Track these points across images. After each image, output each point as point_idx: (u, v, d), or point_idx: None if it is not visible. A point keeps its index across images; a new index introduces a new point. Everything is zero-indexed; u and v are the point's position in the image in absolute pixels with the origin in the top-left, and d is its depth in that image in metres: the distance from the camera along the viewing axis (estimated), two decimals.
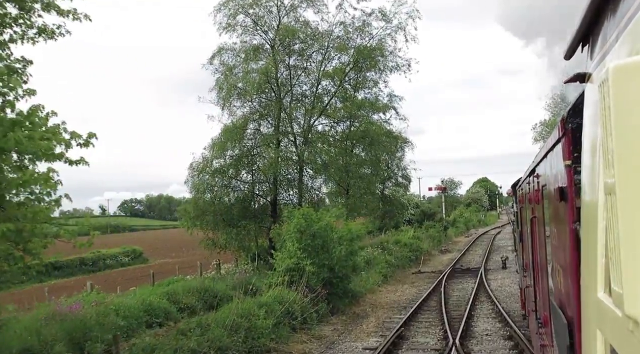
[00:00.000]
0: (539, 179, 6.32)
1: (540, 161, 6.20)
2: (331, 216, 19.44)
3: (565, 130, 4.02)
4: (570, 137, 3.91)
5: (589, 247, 2.52)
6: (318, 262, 18.72)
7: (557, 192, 4.25)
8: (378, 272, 27.56)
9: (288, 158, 27.67)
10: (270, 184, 27.14)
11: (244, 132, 26.66)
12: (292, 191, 27.89)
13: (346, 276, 19.11)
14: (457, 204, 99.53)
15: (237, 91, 26.06)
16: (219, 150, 26.01)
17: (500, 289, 23.32)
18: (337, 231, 19.03)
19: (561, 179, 4.20)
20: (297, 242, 18.42)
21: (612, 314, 1.89)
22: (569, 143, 3.92)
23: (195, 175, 26.10)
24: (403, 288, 25.79)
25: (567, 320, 4.03)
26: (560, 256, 4.51)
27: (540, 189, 6.15)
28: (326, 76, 29.17)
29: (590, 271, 2.44)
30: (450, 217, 72.11)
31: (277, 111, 26.88)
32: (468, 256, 39.71)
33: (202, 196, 25.95)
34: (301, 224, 18.58)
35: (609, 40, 2.31)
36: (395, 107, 35.58)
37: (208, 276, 25.44)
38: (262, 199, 27.85)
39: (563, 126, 4.08)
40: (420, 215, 53.72)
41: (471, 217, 79.64)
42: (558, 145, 4.40)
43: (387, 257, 30.52)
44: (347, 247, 18.71)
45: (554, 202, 4.71)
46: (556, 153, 4.55)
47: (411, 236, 41.07)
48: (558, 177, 4.42)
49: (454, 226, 65.14)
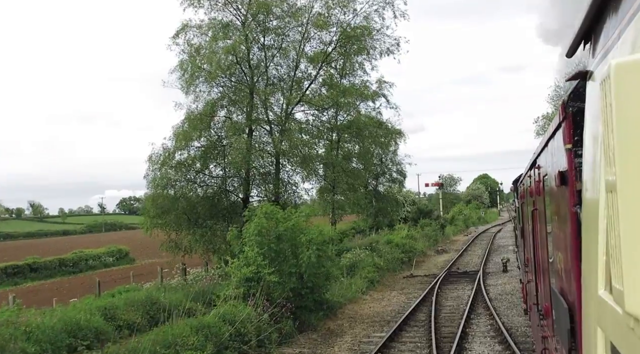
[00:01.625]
0: (540, 170, 6.27)
1: (540, 151, 6.12)
2: (299, 215, 16.42)
3: (565, 113, 3.92)
4: (570, 120, 3.83)
5: (590, 245, 2.54)
6: (284, 270, 15.76)
7: (557, 178, 4.20)
8: (363, 277, 24.57)
9: (262, 149, 24.62)
10: (242, 179, 24.12)
11: (211, 119, 23.60)
12: (266, 187, 24.87)
13: (317, 286, 16.10)
14: (456, 201, 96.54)
15: (202, 73, 22.97)
16: (183, 140, 22.98)
17: (500, 298, 20.32)
18: (308, 233, 16.01)
19: (562, 163, 4.11)
20: (257, 247, 15.43)
21: (613, 312, 1.91)
22: (569, 127, 3.85)
23: (157, 168, 23.09)
24: (391, 295, 22.79)
25: (568, 305, 3.99)
26: (562, 241, 4.40)
27: (542, 180, 6.06)
28: (306, 58, 26.11)
29: (591, 268, 2.48)
30: (449, 214, 69.08)
31: (249, 96, 23.82)
32: (466, 256, 36.68)
33: (162, 192, 22.93)
34: (262, 225, 15.59)
35: (610, 38, 2.32)
36: (385, 94, 32.66)
37: (169, 284, 22.54)
38: (234, 196, 24.81)
39: (564, 109, 3.96)
40: (416, 213, 50.68)
41: (471, 214, 76.54)
42: (559, 130, 4.31)
43: (375, 260, 27.50)
44: (318, 252, 15.68)
45: (554, 189, 4.67)
46: (557, 139, 4.49)
47: (405, 236, 38.01)
48: (559, 162, 4.33)
49: (453, 224, 62.10)
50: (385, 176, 48.97)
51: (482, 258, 33.80)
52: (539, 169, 6.34)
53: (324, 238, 16.16)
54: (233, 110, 24.46)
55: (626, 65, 1.62)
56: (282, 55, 25.00)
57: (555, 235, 5.03)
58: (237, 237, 16.53)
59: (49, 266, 58.56)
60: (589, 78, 2.85)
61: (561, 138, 4.14)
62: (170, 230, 23.37)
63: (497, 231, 58.52)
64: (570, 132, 3.84)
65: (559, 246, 4.63)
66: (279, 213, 16.59)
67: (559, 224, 4.58)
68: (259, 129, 24.86)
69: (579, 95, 3.61)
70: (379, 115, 37.85)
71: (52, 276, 57.23)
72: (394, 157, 49.25)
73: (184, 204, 23.11)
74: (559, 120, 4.25)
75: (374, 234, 37.68)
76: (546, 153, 5.49)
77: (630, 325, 1.63)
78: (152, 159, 23.01)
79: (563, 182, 4.05)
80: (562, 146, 4.09)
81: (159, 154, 23.00)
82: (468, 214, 74.48)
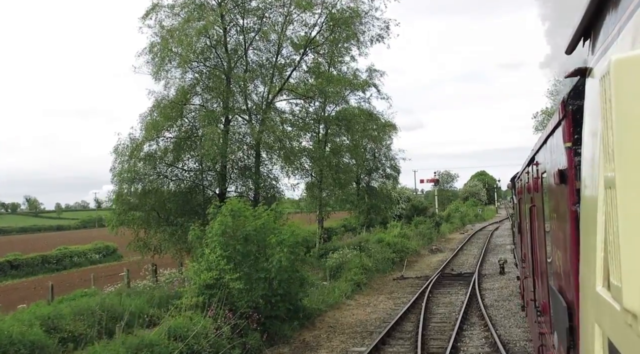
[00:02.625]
0: (538, 167, 6.23)
1: (539, 148, 6.06)
2: (270, 213, 14.55)
3: (565, 112, 3.92)
4: (570, 118, 3.84)
5: (588, 242, 2.56)
6: (252, 276, 13.92)
7: (557, 176, 4.16)
8: (349, 280, 22.74)
9: (241, 141, 22.71)
10: (218, 173, 22.19)
11: (183, 107, 21.63)
12: (244, 181, 22.95)
13: (290, 293, 14.23)
14: (453, 198, 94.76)
15: (174, 57, 20.99)
16: (153, 130, 21.03)
17: (497, 305, 18.50)
18: (279, 233, 14.14)
19: (561, 162, 4.10)
20: (220, 249, 13.57)
21: (611, 308, 1.92)
22: (569, 125, 3.85)
23: (125, 161, 21.14)
24: (377, 300, 20.95)
25: (567, 303, 3.97)
26: (560, 239, 4.38)
27: (540, 177, 6.05)
28: (289, 42, 24.15)
29: (589, 265, 2.49)
30: (445, 212, 67.28)
31: (226, 83, 21.87)
32: (461, 256, 34.87)
33: (129, 186, 21.02)
34: (227, 224, 13.72)
35: (610, 35, 2.32)
36: (376, 84, 30.68)
37: (137, 286, 20.67)
38: (210, 192, 22.87)
39: (564, 107, 3.96)
40: (411, 210, 48.83)
41: (467, 211, 74.69)
42: (558, 128, 4.31)
43: (363, 261, 25.64)
44: (290, 255, 13.82)
45: (554, 186, 4.61)
46: (556, 137, 4.47)
47: (397, 234, 36.15)
48: (558, 160, 4.31)
49: (449, 222, 60.31)
50: (378, 171, 47.10)
51: (478, 258, 32.01)
52: (538, 166, 6.29)
53: (297, 239, 14.27)
54: (209, 98, 22.47)
55: (626, 62, 1.62)
56: (263, 39, 23.06)
57: (554, 233, 4.94)
58: (199, 237, 14.65)
59: (31, 263, 56.64)
60: (589, 74, 2.83)
61: (561, 136, 4.09)
62: (138, 228, 21.47)
63: (494, 229, 56.77)
64: (570, 130, 3.81)
65: (558, 244, 4.54)
66: (248, 211, 14.73)
67: (558, 223, 4.50)
68: (237, 119, 22.92)
69: (579, 93, 3.61)
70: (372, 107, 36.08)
71: (34, 274, 55.30)
72: (388, 152, 47.37)
73: (153, 199, 21.20)
74: (558, 118, 4.20)
75: (363, 233, 35.78)
76: (545, 150, 5.43)
77: (628, 321, 1.63)
78: (117, 151, 21.09)
79: (563, 180, 4.00)
80: (561, 144, 4.05)
81: (126, 145, 21.11)
82: (465, 211, 72.62)
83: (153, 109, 21.31)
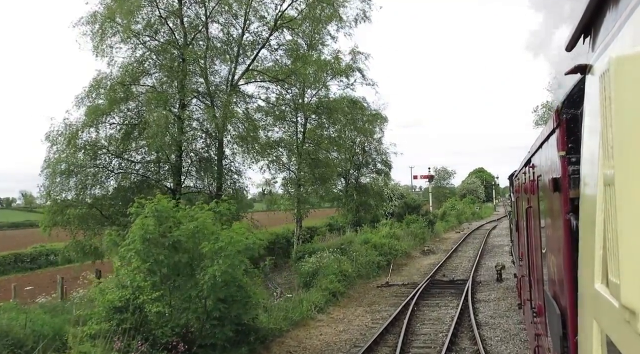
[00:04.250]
0: (534, 170, 6.26)
1: (535, 151, 6.09)
2: (206, 214, 11.59)
3: (559, 120, 3.96)
4: (564, 127, 3.87)
5: (587, 239, 2.56)
6: (182, 294, 10.99)
7: (551, 183, 4.23)
8: (323, 289, 19.80)
9: (200, 129, 19.71)
10: (172, 165, 19.20)
11: (128, 89, 18.60)
12: (200, 175, 19.94)
13: (227, 316, 11.26)
14: (450, 195, 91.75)
15: (119, 29, 17.94)
16: (92, 115, 18.03)
17: (492, 324, 15.57)
18: (216, 239, 11.16)
19: (555, 169, 4.15)
20: (137, 260, 10.62)
21: (609, 305, 1.92)
22: (563, 134, 3.88)
23: (61, 150, 18.15)
24: (354, 314, 18.02)
25: (561, 310, 4.03)
26: (554, 246, 4.50)
27: (536, 180, 6.07)
28: (257, 17, 21.12)
29: (588, 262, 2.49)
30: (440, 210, 64.33)
31: (182, 62, 18.87)
32: (455, 259, 31.93)
33: (65, 180, 18.04)
34: (148, 229, 10.74)
35: (610, 32, 2.31)
36: (360, 68, 27.65)
37: (75, 297, 17.65)
38: (164, 187, 19.84)
39: (557, 116, 4.00)
40: (403, 207, 45.87)
41: (464, 209, 71.72)
42: (552, 136, 4.34)
43: (342, 266, 22.69)
44: (230, 268, 10.84)
45: (548, 192, 4.68)
46: (551, 144, 4.51)
47: (385, 234, 33.16)
48: (552, 167, 4.37)
49: (444, 220, 57.40)
50: (368, 166, 44.14)
51: (474, 262, 29.10)
52: (534, 169, 6.30)
53: (239, 247, 11.27)
54: (163, 79, 19.40)
55: (626, 59, 1.63)
56: (225, 11, 20.00)
57: (548, 240, 4.97)
58: (117, 244, 11.68)
59: (3, 261, 53.58)
60: (588, 72, 2.84)
61: (555, 143, 4.13)
62: (75, 229, 18.50)
63: (491, 228, 53.94)
64: (564, 139, 3.84)
65: (552, 251, 4.59)
66: (181, 211, 11.77)
67: (552, 231, 4.54)
68: (196, 103, 19.88)
69: (573, 102, 3.73)
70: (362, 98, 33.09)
71: (6, 273, 52.32)
72: (379, 146, 44.41)
73: (92, 196, 18.22)
74: (553, 126, 4.22)
75: (349, 233, 32.79)
76: (540, 154, 5.44)
77: (626, 318, 1.64)
78: (50, 138, 18.06)
79: (556, 188, 4.04)
80: (555, 152, 4.08)
81: (60, 132, 18.08)
82: (461, 209, 69.65)
83: (91, 90, 18.30)
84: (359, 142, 43.84)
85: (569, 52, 3.34)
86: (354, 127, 31.82)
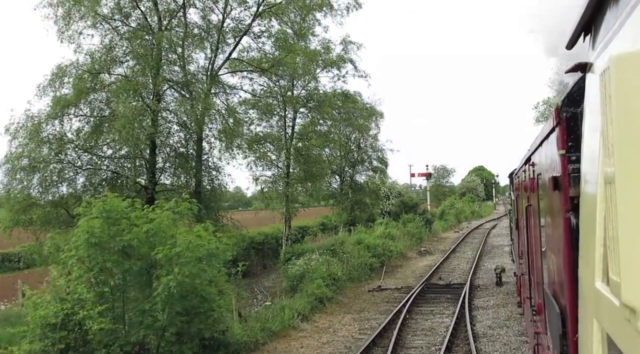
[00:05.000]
0: (534, 168, 6.22)
1: (535, 149, 6.05)
2: (164, 214, 10.17)
3: (559, 119, 3.94)
4: (564, 126, 3.86)
5: (587, 237, 2.53)
6: (132, 308, 9.58)
7: (551, 182, 4.19)
8: (309, 294, 18.39)
9: (177, 122, 18.27)
10: (146, 161, 17.76)
11: (97, 78, 17.14)
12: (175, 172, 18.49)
13: (186, 332, 9.83)
14: (449, 194, 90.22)
15: (83, 13, 16.48)
16: (57, 106, 16.59)
17: (491, 335, 14.15)
18: (173, 244, 9.74)
19: (555, 168, 4.13)
20: (79, 268, 9.21)
21: (609, 303, 1.89)
22: (563, 132, 3.86)
23: (23, 144, 16.71)
24: (341, 322, 16.61)
25: (560, 309, 4.00)
26: (554, 245, 4.47)
27: (536, 178, 6.05)
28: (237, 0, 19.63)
29: (588, 260, 2.46)
30: (439, 208, 62.89)
31: (157, 49, 17.43)
32: (453, 260, 30.52)
33: (27, 177, 16.62)
34: (94, 232, 9.32)
35: (610, 30, 2.29)
36: (352, 59, 26.19)
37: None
38: (138, 185, 18.37)
39: (557, 115, 3.99)
40: (400, 206, 44.45)
41: (464, 208, 70.24)
42: (552, 134, 4.31)
43: (331, 269, 21.26)
44: (187, 277, 9.42)
45: (548, 191, 4.65)
46: (551, 142, 4.47)
47: (380, 234, 31.74)
48: (552, 166, 4.35)
49: (443, 219, 55.96)
50: (364, 164, 42.68)
51: (472, 263, 27.69)
52: (534, 167, 6.27)
53: (204, 251, 9.85)
54: (137, 67, 17.93)
55: (626, 57, 1.63)
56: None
57: (547, 239, 4.97)
58: (59, 248, 10.25)
59: None
60: (589, 70, 2.82)
61: (555, 142, 4.11)
62: (38, 230, 17.07)
63: (491, 227, 52.53)
64: (564, 137, 3.82)
65: (552, 249, 4.60)
66: (137, 211, 10.35)
67: (552, 229, 4.56)
68: (176, 95, 18.37)
69: (573, 100, 3.72)
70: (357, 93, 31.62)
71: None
72: (375, 143, 42.96)
73: (58, 194, 16.80)
74: (553, 124, 4.24)
75: (340, 233, 31.36)
76: (540, 152, 5.44)
77: (626, 316, 1.61)
78: (10, 132, 16.61)
79: (556, 187, 4.02)
80: (555, 151, 4.08)
81: (21, 125, 16.64)
82: (460, 208, 68.17)
83: (54, 78, 16.84)
84: (354, 138, 42.46)
85: (569, 50, 3.35)
86: (349, 122, 30.39)
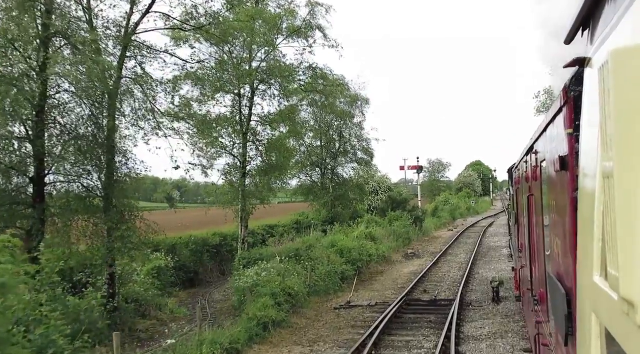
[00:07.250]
0: (537, 156, 6.26)
1: (539, 136, 6.06)
2: None
3: (567, 98, 3.88)
4: (572, 105, 3.80)
5: (586, 231, 2.54)
6: None
7: (558, 162, 4.14)
8: (250, 317, 14.13)
9: (77, 94, 13.94)
10: (33, 144, 13.44)
11: None
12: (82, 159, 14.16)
13: None
14: (446, 189, 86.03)
15: None
16: None
17: None
18: None
19: (562, 148, 4.09)
20: None
21: (608, 298, 1.91)
22: (571, 111, 3.82)
23: None
24: None
25: (566, 290, 3.96)
26: (560, 226, 4.37)
27: (539, 165, 6.09)
28: None
29: (587, 254, 2.48)
30: (431, 205, 58.68)
31: None
32: (443, 265, 26.30)
33: None
34: None
35: (609, 25, 2.28)
36: (321, 26, 21.83)
37: None
38: (22, 178, 13.99)
39: (565, 94, 3.93)
40: (387, 202, 40.23)
41: (459, 204, 66.06)
42: (559, 115, 4.31)
43: (286, 282, 16.97)
44: None
45: (553, 173, 4.66)
46: (557, 124, 4.48)
47: (359, 235, 27.48)
48: (559, 148, 4.30)
49: (436, 216, 51.81)
50: (347, 155, 38.43)
51: (465, 270, 23.51)
52: (537, 155, 6.33)
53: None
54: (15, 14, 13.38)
55: (624, 52, 1.64)
56: None
57: (553, 221, 4.96)
58: None
59: None
60: (587, 65, 2.83)
61: (562, 123, 4.12)
62: None
63: (488, 225, 48.46)
64: (572, 116, 3.80)
65: (557, 231, 4.57)
66: None
67: (558, 210, 4.52)
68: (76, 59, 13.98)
69: (581, 79, 3.51)
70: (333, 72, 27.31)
71: None
72: (359, 132, 38.68)
73: None
74: (560, 105, 4.22)
75: (313, 233, 27.10)
76: (544, 138, 5.46)
77: (625, 311, 1.62)
78: None
79: (563, 167, 4.00)
80: (563, 131, 4.07)
81: None
82: (455, 204, 63.99)
83: None
84: (336, 126, 38.23)
85: (567, 45, 3.36)
86: (322, 104, 26.05)
